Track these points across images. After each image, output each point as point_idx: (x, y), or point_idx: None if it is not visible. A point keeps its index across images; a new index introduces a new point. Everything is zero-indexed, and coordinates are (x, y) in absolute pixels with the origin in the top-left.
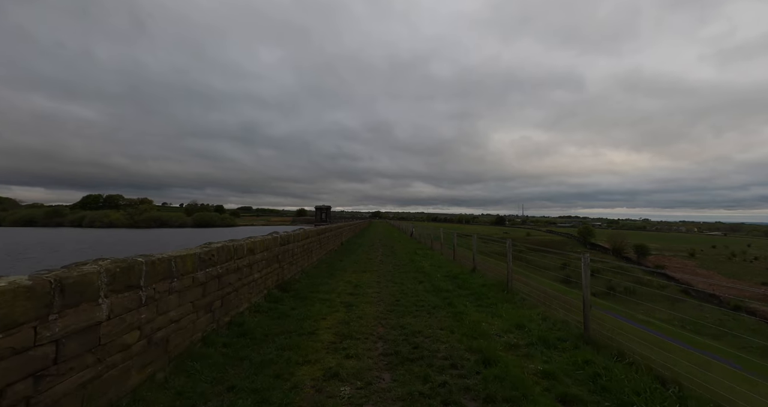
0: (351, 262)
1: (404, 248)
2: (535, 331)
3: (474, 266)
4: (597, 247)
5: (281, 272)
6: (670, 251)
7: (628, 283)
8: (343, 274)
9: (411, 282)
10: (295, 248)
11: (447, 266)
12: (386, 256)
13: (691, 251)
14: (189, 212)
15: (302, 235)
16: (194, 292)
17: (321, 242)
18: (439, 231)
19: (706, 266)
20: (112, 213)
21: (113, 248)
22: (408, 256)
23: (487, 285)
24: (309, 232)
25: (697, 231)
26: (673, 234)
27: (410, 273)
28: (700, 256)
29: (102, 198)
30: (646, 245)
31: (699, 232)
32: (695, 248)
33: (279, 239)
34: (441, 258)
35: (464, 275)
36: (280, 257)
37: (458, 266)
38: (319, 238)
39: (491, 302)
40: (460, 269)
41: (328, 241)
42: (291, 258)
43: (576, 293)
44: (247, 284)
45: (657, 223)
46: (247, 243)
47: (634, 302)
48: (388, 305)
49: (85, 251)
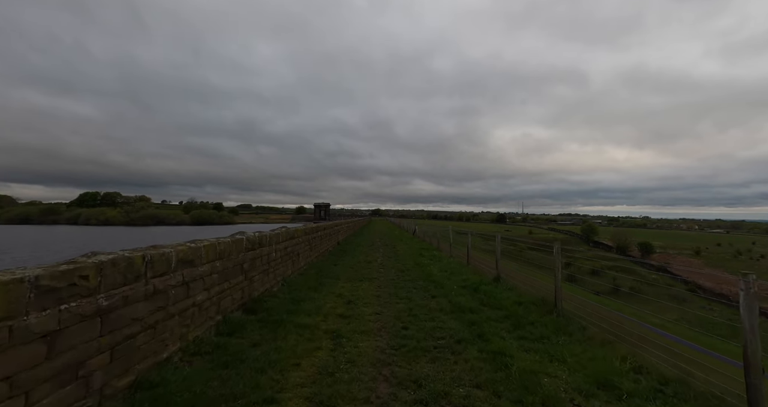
0: (347, 266)
1: (407, 248)
2: (637, 402)
3: (497, 274)
4: (600, 245)
5: (249, 286)
6: (674, 249)
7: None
8: (335, 284)
9: (420, 296)
10: (272, 253)
11: (461, 273)
12: (388, 258)
13: (696, 249)
14: (187, 210)
15: (284, 235)
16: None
17: (311, 243)
18: (443, 230)
19: (712, 264)
20: (108, 211)
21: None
22: (412, 258)
23: (524, 303)
24: (294, 232)
25: (698, 229)
26: (675, 232)
27: (418, 282)
28: (705, 254)
29: (99, 196)
30: (650, 243)
31: (700, 230)
32: (699, 246)
33: (245, 242)
34: (452, 262)
35: (487, 286)
36: (246, 266)
37: (474, 272)
38: (308, 238)
39: (540, 334)
40: (478, 277)
41: (321, 241)
42: (266, 266)
43: (643, 312)
44: (178, 313)
45: (657, 220)
46: (180, 251)
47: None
48: (392, 335)
49: (63, 252)
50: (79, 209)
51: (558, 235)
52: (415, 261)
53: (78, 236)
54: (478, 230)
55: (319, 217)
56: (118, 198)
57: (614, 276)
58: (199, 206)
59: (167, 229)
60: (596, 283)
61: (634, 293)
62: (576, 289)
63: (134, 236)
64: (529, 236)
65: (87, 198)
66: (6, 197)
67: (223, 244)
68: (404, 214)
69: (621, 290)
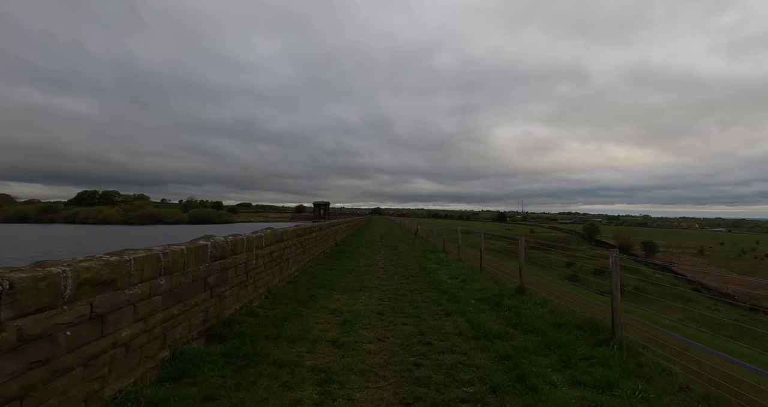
0: (343, 272)
1: (410, 249)
2: None
3: (521, 284)
4: (603, 244)
5: (218, 305)
6: (677, 248)
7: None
8: (329, 295)
9: (431, 312)
10: (253, 260)
11: (474, 280)
12: (390, 261)
13: (700, 248)
14: (186, 209)
15: (269, 238)
16: None
17: (304, 245)
18: (447, 229)
19: (717, 263)
20: (106, 209)
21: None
22: (417, 261)
23: (565, 326)
24: (282, 234)
25: (699, 227)
26: (676, 230)
27: (426, 292)
28: (709, 253)
29: (98, 194)
30: (653, 242)
31: (700, 228)
32: (702, 244)
33: (209, 250)
34: (461, 266)
35: (510, 300)
36: (213, 280)
37: (490, 279)
38: (300, 241)
39: (604, 378)
40: (496, 286)
41: (316, 243)
42: (242, 277)
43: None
44: (81, 363)
45: (657, 219)
46: (84, 269)
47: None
48: (400, 377)
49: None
50: (77, 208)
51: (560, 234)
52: (420, 265)
53: (66, 235)
54: (480, 229)
55: (319, 216)
56: (116, 197)
57: (620, 276)
58: (198, 204)
59: (165, 228)
60: (599, 283)
61: (639, 292)
62: (595, 295)
63: (125, 235)
64: (531, 235)
65: (85, 197)
66: (4, 196)
67: (175, 254)
68: (404, 213)
69: (629, 291)
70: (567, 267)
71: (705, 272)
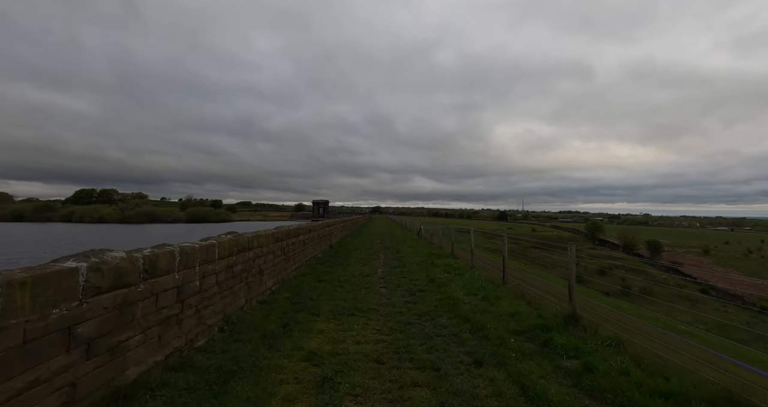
0: (335, 284)
1: (413, 253)
2: None
3: (572, 311)
4: (606, 243)
5: (103, 368)
6: (681, 247)
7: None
8: (309, 325)
9: (454, 359)
10: (193, 282)
11: (499, 298)
12: (391, 269)
13: (705, 247)
14: (184, 208)
15: (227, 247)
16: None
17: (287, 252)
18: (450, 229)
19: (723, 263)
20: (103, 208)
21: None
22: (422, 268)
23: (679, 397)
24: (252, 240)
25: (700, 226)
26: (679, 229)
27: (440, 318)
28: (715, 253)
29: (96, 193)
30: (658, 242)
31: (702, 227)
32: (707, 244)
33: (82, 277)
34: (476, 276)
35: (565, 337)
36: (89, 329)
37: (518, 296)
38: (281, 247)
39: None
40: (532, 309)
41: (305, 248)
42: (170, 310)
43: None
44: None
45: (658, 218)
46: None
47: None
48: None
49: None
50: (73, 207)
51: (563, 233)
52: (427, 275)
53: (55, 234)
54: (482, 228)
55: (318, 214)
56: (114, 195)
57: (623, 276)
58: (196, 203)
59: (161, 227)
60: (604, 283)
61: (644, 295)
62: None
63: (111, 234)
64: (533, 234)
65: (83, 195)
66: (2, 195)
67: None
68: (404, 211)
69: (642, 293)
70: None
71: (714, 274)
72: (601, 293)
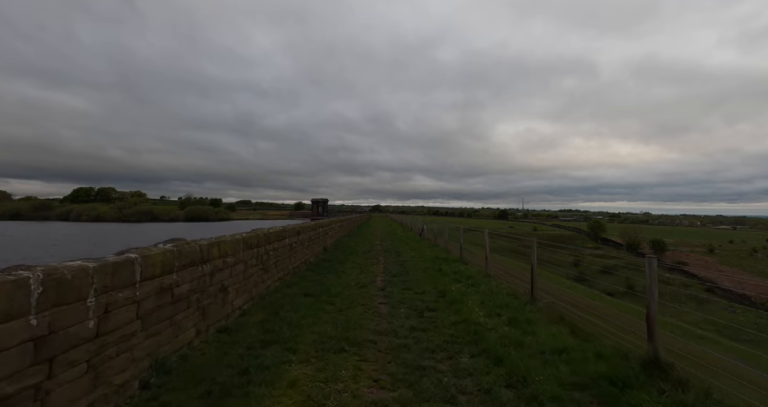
0: (323, 301)
1: (417, 256)
2: None
3: (655, 355)
4: (609, 242)
5: None
6: (685, 246)
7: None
8: (278, 372)
9: None
10: (108, 317)
11: (532, 322)
12: (392, 277)
13: (710, 246)
14: (183, 206)
15: (156, 262)
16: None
17: (266, 261)
18: (458, 229)
19: (729, 262)
20: (100, 206)
21: None
22: (429, 277)
23: None
24: (217, 246)
25: (701, 225)
26: (682, 228)
27: (461, 355)
28: (719, 252)
29: (94, 191)
30: (662, 241)
31: (703, 226)
32: (711, 243)
33: None
34: (495, 288)
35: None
36: None
37: (556, 320)
38: (256, 254)
39: None
40: (581, 341)
41: (292, 254)
42: (34, 382)
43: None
44: None
45: (658, 216)
46: None
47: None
48: None
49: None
50: (70, 205)
51: (565, 232)
52: (435, 285)
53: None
54: (483, 227)
55: (317, 213)
56: (113, 194)
57: (628, 277)
58: (195, 201)
59: (159, 226)
60: (608, 283)
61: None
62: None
63: (98, 234)
64: (534, 233)
65: (81, 194)
66: (1, 193)
67: None
68: (404, 210)
69: (640, 294)
70: (575, 266)
71: (726, 276)
72: (613, 297)
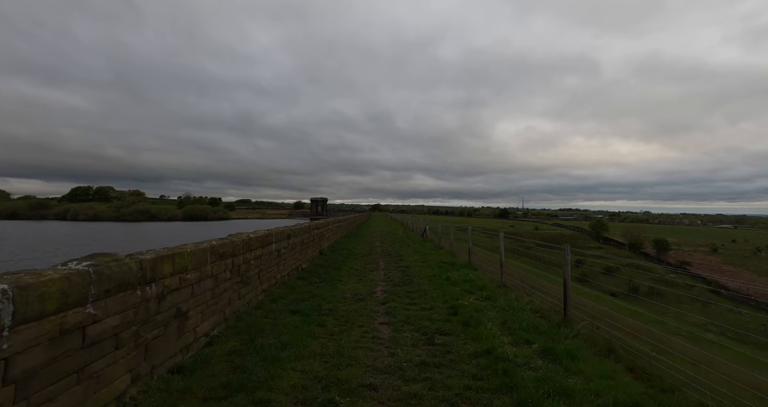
0: (313, 321)
1: (421, 260)
2: None
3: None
4: (611, 241)
5: None
6: (689, 245)
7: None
8: None
9: None
10: None
11: (573, 353)
12: (394, 287)
13: (713, 246)
14: (182, 205)
15: (105, 280)
16: None
17: (245, 271)
18: (467, 231)
19: (733, 262)
20: (98, 205)
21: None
22: (437, 287)
23: None
24: (172, 259)
25: (701, 224)
26: (684, 227)
27: None
28: (723, 251)
29: (92, 190)
30: (666, 240)
31: (703, 225)
32: (714, 242)
33: None
34: (515, 303)
35: None
36: None
37: (603, 350)
38: (233, 264)
39: None
40: (649, 389)
41: (281, 260)
42: None
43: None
44: None
45: (659, 215)
46: None
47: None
48: None
49: None
50: (68, 204)
51: (566, 231)
52: (445, 298)
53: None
54: (483, 226)
55: (316, 212)
56: (111, 193)
57: (629, 276)
58: (193, 201)
59: (156, 225)
60: (613, 284)
61: (644, 298)
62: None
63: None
64: (536, 232)
65: (79, 193)
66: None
67: None
68: (404, 209)
69: (657, 294)
70: (576, 266)
71: (734, 277)
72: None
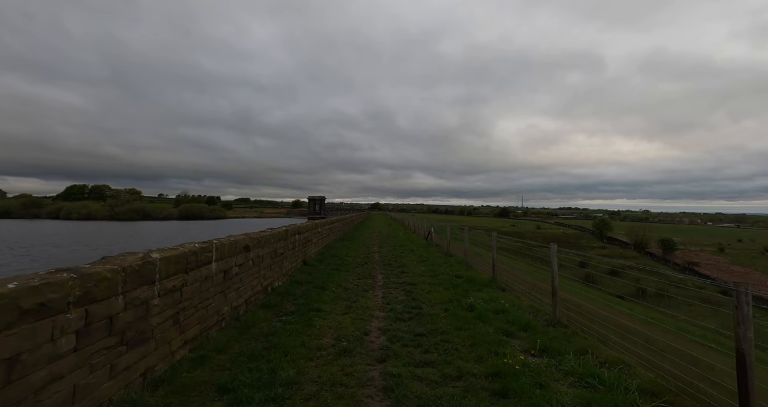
0: (270, 399)
1: (428, 273)
2: None
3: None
4: (615, 241)
5: None
6: (694, 245)
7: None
8: None
9: None
10: None
11: None
12: (397, 323)
13: (719, 245)
14: (179, 204)
15: None
16: None
17: (144, 318)
18: (480, 234)
19: (741, 262)
20: (91, 204)
21: None
22: (457, 321)
23: None
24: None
25: (701, 223)
26: (685, 226)
27: None
28: (730, 251)
29: (87, 189)
30: (672, 240)
31: (703, 223)
32: (720, 241)
33: None
34: (591, 367)
35: None
36: None
37: None
38: (104, 312)
39: None
40: None
41: (233, 283)
42: None
43: None
44: None
45: (658, 214)
46: None
47: None
48: None
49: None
50: (62, 203)
51: (569, 230)
52: (477, 352)
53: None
54: (484, 225)
55: (314, 211)
56: (106, 191)
57: (637, 277)
58: (191, 199)
59: (151, 224)
60: (618, 285)
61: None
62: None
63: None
64: (538, 232)
65: (74, 191)
66: None
67: None
68: (404, 208)
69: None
70: (581, 267)
71: (743, 278)
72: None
